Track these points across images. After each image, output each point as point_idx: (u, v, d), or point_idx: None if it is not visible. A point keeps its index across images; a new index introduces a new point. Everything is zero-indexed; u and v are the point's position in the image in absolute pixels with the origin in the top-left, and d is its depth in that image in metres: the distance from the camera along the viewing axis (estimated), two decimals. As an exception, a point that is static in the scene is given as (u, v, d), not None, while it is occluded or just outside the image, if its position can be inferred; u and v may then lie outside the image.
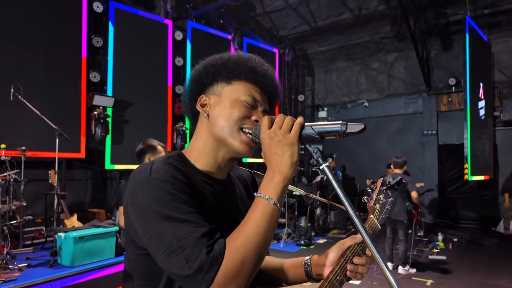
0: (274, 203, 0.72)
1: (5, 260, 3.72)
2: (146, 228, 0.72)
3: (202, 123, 0.88)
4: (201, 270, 0.65)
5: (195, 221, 0.70)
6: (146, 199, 0.72)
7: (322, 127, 0.74)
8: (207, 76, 0.87)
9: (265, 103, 0.89)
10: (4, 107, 4.76)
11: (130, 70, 6.61)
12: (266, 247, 0.72)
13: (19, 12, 5.24)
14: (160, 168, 0.75)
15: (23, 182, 4.36)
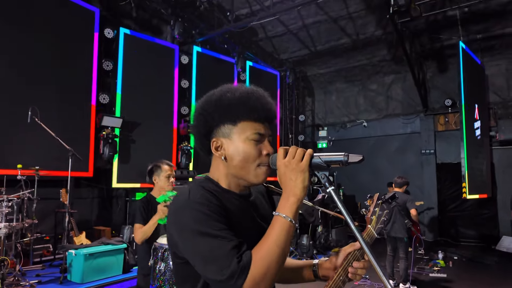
0: (290, 220, 0.90)
1: (17, 277, 3.83)
2: (186, 243, 0.90)
3: (218, 161, 1.02)
4: (233, 277, 0.82)
5: (226, 236, 0.86)
6: (186, 219, 0.89)
7: (328, 157, 0.93)
8: (213, 120, 0.99)
9: (268, 129, 1.02)
10: (19, 128, 4.98)
11: (138, 92, 6.88)
12: (285, 257, 0.89)
13: (35, 38, 5.55)
14: (196, 192, 0.93)
15: (36, 201, 4.52)
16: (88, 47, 6.28)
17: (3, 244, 3.67)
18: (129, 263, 4.35)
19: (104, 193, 6.64)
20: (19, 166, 4.24)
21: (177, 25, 7.02)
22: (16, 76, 5.30)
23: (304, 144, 11.25)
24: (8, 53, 5.25)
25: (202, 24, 7.74)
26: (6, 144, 5.02)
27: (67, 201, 4.67)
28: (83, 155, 5.66)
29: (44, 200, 5.38)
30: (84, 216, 6.31)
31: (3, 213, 3.65)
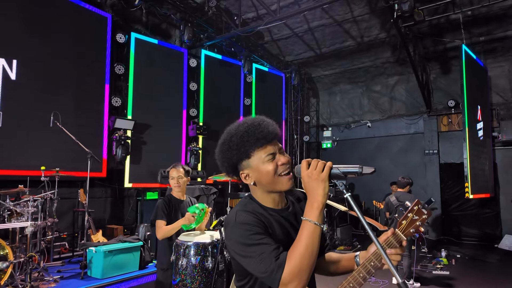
0: (315, 224, 1.10)
1: (42, 273, 4.06)
2: (239, 252, 1.16)
3: (252, 186, 1.26)
4: (272, 271, 1.06)
5: (266, 243, 1.11)
6: (235, 237, 1.17)
7: (345, 168, 1.13)
8: (233, 161, 1.23)
9: (276, 145, 1.23)
10: (39, 132, 5.23)
11: (149, 95, 7.10)
12: (315, 254, 1.09)
13: (52, 45, 5.78)
14: (241, 216, 1.19)
15: (56, 200, 4.75)
16: (101, 52, 6.51)
17: (29, 242, 3.90)
18: (145, 260, 4.56)
19: (116, 193, 6.87)
20: (43, 168, 4.47)
21: (186, 30, 7.23)
22: (36, 81, 5.54)
23: (308, 144, 11.44)
24: (30, 60, 5.49)
25: (210, 28, 7.94)
26: (28, 146, 5.27)
27: (85, 201, 4.90)
28: (97, 156, 5.88)
29: (62, 200, 5.62)
30: (97, 215, 6.54)
31: (30, 212, 3.89)
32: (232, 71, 8.83)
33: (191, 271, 2.59)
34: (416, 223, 1.32)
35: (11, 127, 5.17)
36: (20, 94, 5.35)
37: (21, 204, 4.01)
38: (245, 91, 9.17)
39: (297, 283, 1.05)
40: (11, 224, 3.87)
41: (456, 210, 9.04)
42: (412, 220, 1.32)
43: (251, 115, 9.31)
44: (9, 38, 5.32)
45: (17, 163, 5.11)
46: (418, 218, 1.32)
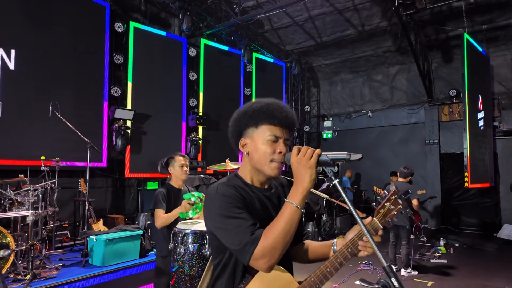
0: (297, 206, 1.11)
1: (44, 260, 4.12)
2: (215, 224, 1.17)
3: (245, 157, 1.29)
4: (246, 245, 1.07)
5: (244, 218, 1.13)
6: (214, 207, 1.18)
7: (334, 155, 1.13)
8: (242, 124, 1.27)
9: (285, 134, 1.24)
10: (39, 122, 5.24)
11: (148, 85, 7.08)
12: (291, 235, 1.10)
13: (51, 35, 5.74)
14: (222, 188, 1.20)
15: (57, 190, 4.79)
16: (100, 41, 6.46)
17: (31, 230, 3.95)
18: (145, 248, 4.61)
19: (117, 183, 6.91)
20: (43, 157, 4.49)
21: (185, 18, 7.16)
22: (35, 72, 5.53)
23: (309, 134, 11.43)
24: (28, 50, 5.47)
25: (209, 17, 7.87)
26: (28, 136, 5.29)
27: (86, 190, 4.93)
28: (97, 146, 5.89)
29: (62, 189, 5.66)
30: (98, 205, 6.59)
31: (30, 201, 3.92)
32: (232, 61, 8.78)
33: (189, 259, 2.62)
34: (392, 213, 1.36)
35: (11, 117, 5.18)
36: (19, 84, 5.35)
37: (21, 193, 4.04)
38: (245, 80, 9.13)
39: (268, 260, 1.06)
40: (12, 213, 3.92)
41: (456, 200, 9.07)
42: (389, 210, 1.37)
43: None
44: (7, 28, 5.29)
45: (17, 153, 5.14)
46: (394, 208, 1.37)
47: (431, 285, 4.66)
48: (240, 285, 1.21)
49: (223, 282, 1.24)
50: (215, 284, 1.27)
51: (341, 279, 4.90)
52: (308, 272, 1.26)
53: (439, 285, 4.65)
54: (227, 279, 1.23)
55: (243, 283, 1.21)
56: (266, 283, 1.20)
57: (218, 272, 1.26)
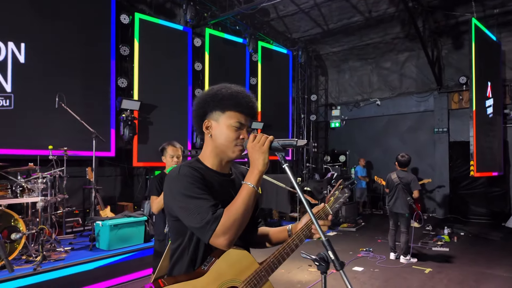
0: (253, 187, 1.20)
1: (54, 244, 4.37)
2: (177, 203, 1.22)
3: (208, 139, 1.33)
4: (208, 223, 1.14)
5: (206, 198, 1.19)
6: (177, 187, 1.23)
7: (284, 141, 1.22)
8: (208, 106, 1.30)
9: (248, 122, 1.32)
10: (49, 113, 5.46)
11: (154, 76, 7.22)
12: (249, 213, 1.20)
13: (58, 27, 5.92)
14: (184, 169, 1.26)
15: (65, 178, 5.02)
16: (106, 33, 6.60)
17: (40, 215, 4.18)
18: (149, 233, 4.81)
19: (126, 172, 7.14)
20: (50, 147, 4.71)
21: (189, 8, 7.22)
22: (44, 64, 5.74)
23: (316, 123, 11.42)
24: (37, 43, 5.66)
25: (213, 7, 7.89)
26: (38, 127, 5.53)
27: (93, 178, 5.15)
28: (105, 136, 6.11)
29: (73, 178, 5.91)
30: (108, 193, 6.85)
31: (39, 188, 4.14)
32: (237, 50, 8.81)
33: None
34: (340, 200, 1.49)
35: (21, 109, 5.42)
36: (29, 77, 5.56)
37: (31, 181, 4.27)
38: (251, 70, 9.16)
39: (228, 236, 1.15)
40: (23, 199, 4.15)
41: (464, 189, 8.96)
42: (337, 197, 1.50)
43: (257, 94, 9.33)
44: (17, 22, 5.48)
45: (27, 143, 5.39)
46: (341, 196, 1.50)
47: (429, 272, 4.70)
48: (203, 266, 1.27)
49: (183, 265, 1.27)
50: (173, 268, 1.30)
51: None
52: (264, 256, 1.35)
53: (437, 272, 4.68)
54: (187, 262, 1.26)
55: (206, 264, 1.27)
56: (230, 264, 1.29)
57: (177, 256, 1.29)
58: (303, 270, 4.75)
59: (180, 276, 1.26)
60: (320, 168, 10.75)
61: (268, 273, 1.32)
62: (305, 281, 4.34)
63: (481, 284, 4.26)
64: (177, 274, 1.30)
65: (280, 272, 4.61)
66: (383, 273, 4.69)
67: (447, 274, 4.63)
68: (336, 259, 1.10)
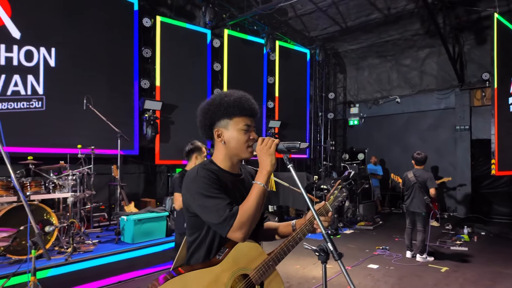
0: (263, 186, 1.35)
1: (83, 237, 4.68)
2: (196, 202, 1.37)
3: (220, 144, 1.45)
4: (226, 219, 1.29)
5: (222, 197, 1.34)
6: (196, 187, 1.38)
7: (288, 144, 1.37)
8: (215, 116, 1.42)
9: (253, 122, 1.45)
10: (77, 114, 5.81)
11: (175, 77, 7.48)
12: (261, 209, 1.35)
13: (85, 32, 6.25)
14: (201, 171, 1.40)
15: (93, 175, 5.34)
16: (129, 36, 6.90)
17: (71, 210, 4.50)
18: (171, 228, 5.06)
19: (148, 169, 7.45)
20: (79, 146, 5.03)
21: (208, 10, 7.42)
22: (73, 67, 6.09)
23: (335, 121, 11.41)
24: (66, 47, 6.01)
25: (232, 8, 8.05)
26: (68, 127, 5.89)
27: (118, 175, 5.44)
28: (129, 135, 6.41)
29: (99, 175, 6.24)
30: (132, 189, 7.17)
31: (70, 185, 4.46)
32: (255, 50, 8.95)
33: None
34: (339, 199, 1.63)
35: (52, 110, 5.79)
36: (59, 80, 5.92)
37: (62, 177, 4.60)
38: (268, 69, 9.28)
39: (245, 230, 1.30)
40: (55, 194, 4.48)
41: (486, 188, 8.76)
42: (336, 196, 1.63)
43: (275, 93, 9.46)
44: (48, 28, 5.84)
45: (58, 142, 5.75)
46: (340, 195, 1.64)
47: (445, 271, 4.70)
48: (217, 256, 1.43)
49: (199, 256, 1.41)
50: (191, 258, 1.44)
51: (356, 262, 5.07)
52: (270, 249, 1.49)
53: (453, 271, 4.68)
54: (204, 253, 1.41)
55: (220, 254, 1.43)
56: (241, 254, 1.45)
57: (194, 248, 1.43)
58: (318, 266, 4.86)
59: (197, 265, 1.43)
60: (338, 166, 10.75)
61: (275, 262, 1.47)
62: (320, 276, 4.45)
63: (497, 284, 4.23)
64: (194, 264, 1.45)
65: (295, 268, 4.75)
66: (398, 271, 4.73)
67: (463, 273, 4.62)
68: (335, 250, 1.23)
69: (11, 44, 5.47)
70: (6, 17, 5.39)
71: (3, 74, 5.38)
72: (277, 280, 1.53)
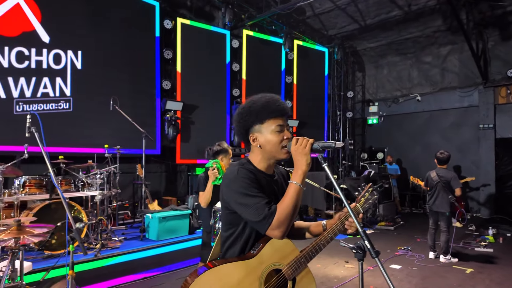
0: (299, 185, 1.39)
1: (109, 234, 4.85)
2: (236, 200, 1.43)
3: (256, 148, 1.51)
4: (266, 217, 1.35)
5: (261, 196, 1.40)
6: (236, 186, 1.43)
7: (323, 144, 1.40)
8: (248, 123, 1.48)
9: (285, 121, 1.49)
10: (102, 114, 6.01)
11: (195, 77, 7.61)
12: (297, 209, 1.39)
13: (110, 36, 6.44)
14: (242, 171, 1.46)
15: (118, 174, 5.51)
16: (151, 38, 7.07)
17: (98, 208, 4.67)
18: (193, 226, 5.17)
19: (170, 168, 7.61)
20: (106, 146, 5.21)
21: (227, 12, 7.50)
22: (98, 70, 6.29)
23: (353, 120, 11.31)
24: (91, 50, 6.21)
25: (250, 8, 8.11)
26: (93, 127, 6.09)
27: (143, 174, 5.60)
28: (151, 135, 6.57)
29: (123, 174, 6.43)
30: (154, 188, 7.34)
31: (98, 183, 4.63)
32: (273, 49, 8.99)
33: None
34: (370, 201, 1.67)
35: (80, 111, 6.00)
36: (86, 82, 6.13)
37: (90, 176, 4.77)
38: (286, 68, 9.30)
39: (283, 228, 1.36)
40: (84, 192, 4.65)
41: (511, 188, 8.52)
42: (367, 198, 1.67)
43: (292, 92, 9.48)
44: (75, 32, 6.06)
45: (86, 142, 5.96)
46: (371, 197, 1.67)
47: (470, 272, 4.62)
48: (252, 251, 1.49)
49: (235, 251, 1.47)
50: (226, 252, 1.50)
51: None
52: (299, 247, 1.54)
53: (478, 273, 4.60)
54: (239, 248, 1.46)
55: (254, 249, 1.49)
56: (275, 249, 1.50)
57: (230, 243, 1.49)
58: (339, 266, 4.87)
59: (232, 258, 1.49)
60: (357, 165, 10.67)
61: (307, 260, 1.51)
62: (342, 276, 4.46)
63: (526, 286, 4.14)
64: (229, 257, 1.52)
65: (317, 267, 4.77)
66: (421, 271, 4.69)
67: (489, 274, 4.54)
68: (372, 247, 1.26)
69: (41, 48, 5.70)
70: (37, 22, 5.63)
71: (33, 76, 5.62)
72: (308, 276, 1.58)
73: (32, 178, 4.22)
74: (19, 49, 5.48)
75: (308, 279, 1.57)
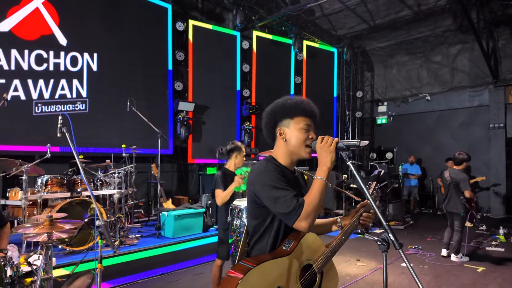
0: (324, 180, 1.47)
1: (127, 231, 4.98)
2: (266, 193, 1.49)
3: (281, 142, 1.58)
4: (294, 209, 1.41)
5: (289, 189, 1.47)
6: (265, 179, 1.49)
7: (348, 142, 1.48)
8: (278, 116, 1.57)
9: (312, 123, 1.58)
10: (117, 115, 6.16)
11: (206, 78, 7.73)
12: (322, 202, 1.47)
13: (124, 39, 6.59)
14: (270, 165, 1.55)
15: (134, 173, 5.65)
16: (164, 40, 7.21)
17: (116, 206, 4.81)
18: (207, 224, 5.29)
19: (181, 168, 7.74)
20: (123, 146, 5.35)
21: (238, 14, 7.61)
22: (113, 72, 6.45)
23: (362, 120, 11.34)
24: (106, 52, 6.38)
25: (260, 9, 8.21)
26: (111, 128, 6.25)
27: (158, 174, 5.73)
28: (164, 135, 6.70)
29: (139, 173, 6.58)
30: (166, 187, 7.47)
31: (115, 182, 4.77)
32: (283, 50, 9.07)
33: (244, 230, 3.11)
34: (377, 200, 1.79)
35: (96, 112, 6.16)
36: (101, 83, 6.29)
37: (108, 175, 4.91)
38: (296, 69, 9.37)
39: (310, 220, 1.42)
40: (102, 191, 4.80)
41: (523, 187, 8.48)
42: (376, 197, 1.80)
43: (302, 93, 9.55)
44: (90, 35, 6.22)
45: (102, 142, 6.12)
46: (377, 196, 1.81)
47: (481, 271, 4.66)
48: (283, 247, 1.55)
49: (262, 246, 1.53)
50: (254, 247, 1.56)
51: (388, 260, 5.10)
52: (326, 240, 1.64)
53: (490, 272, 4.63)
54: (269, 243, 1.51)
55: (287, 246, 1.55)
56: (306, 246, 1.57)
57: (257, 238, 1.54)
58: (351, 264, 4.94)
59: (265, 256, 1.53)
60: (366, 165, 10.70)
61: (332, 254, 1.61)
62: (354, 274, 4.53)
63: (538, 285, 4.17)
64: (258, 253, 1.58)
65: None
66: (433, 269, 4.73)
67: (501, 273, 4.57)
68: (396, 239, 1.34)
69: (58, 51, 5.87)
70: (55, 25, 5.79)
71: (52, 78, 5.79)
72: (333, 269, 1.68)
73: (53, 177, 4.37)
74: (38, 52, 5.65)
75: (333, 271, 1.67)
